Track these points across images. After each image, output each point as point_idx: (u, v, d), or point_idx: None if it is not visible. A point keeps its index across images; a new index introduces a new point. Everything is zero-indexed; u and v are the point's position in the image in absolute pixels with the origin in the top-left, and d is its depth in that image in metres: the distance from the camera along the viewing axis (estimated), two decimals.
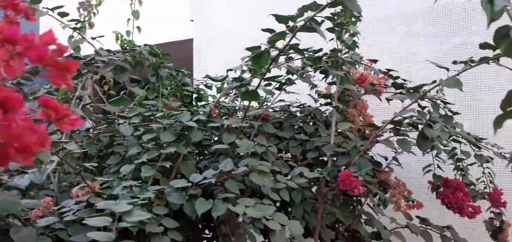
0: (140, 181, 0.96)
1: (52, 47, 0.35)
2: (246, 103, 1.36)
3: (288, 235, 0.96)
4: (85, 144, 1.02)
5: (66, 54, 0.38)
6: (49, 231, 0.87)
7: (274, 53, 0.97)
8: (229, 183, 0.95)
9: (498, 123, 0.41)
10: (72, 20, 1.25)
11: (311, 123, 1.37)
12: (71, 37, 1.41)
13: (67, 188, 1.03)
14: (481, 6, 0.43)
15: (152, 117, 1.05)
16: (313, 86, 1.49)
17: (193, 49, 2.42)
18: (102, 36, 1.25)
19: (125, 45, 1.49)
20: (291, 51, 1.04)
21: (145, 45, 1.36)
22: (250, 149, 1.03)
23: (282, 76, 1.06)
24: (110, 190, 0.97)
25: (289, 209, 1.24)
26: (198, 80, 1.62)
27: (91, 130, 1.11)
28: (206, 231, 1.38)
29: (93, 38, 1.27)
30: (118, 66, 1.22)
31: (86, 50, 1.39)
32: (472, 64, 0.96)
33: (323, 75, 1.37)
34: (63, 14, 1.20)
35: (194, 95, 1.52)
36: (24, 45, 0.32)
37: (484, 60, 0.92)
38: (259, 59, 0.88)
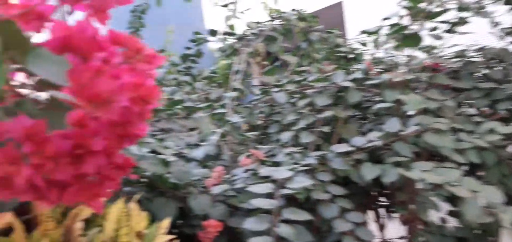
0: (301, 148, 0.93)
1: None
2: (406, 56, 1.19)
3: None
4: (246, 115, 1.05)
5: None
6: (222, 198, 0.93)
7: None
8: (398, 144, 0.84)
9: None
10: None
11: (498, 68, 1.11)
12: (228, 18, 1.47)
13: (238, 159, 1.08)
14: None
15: (303, 82, 1.01)
16: (495, 23, 1.21)
17: (344, 12, 2.29)
18: (249, 9, 1.26)
19: (273, 14, 1.49)
20: None
21: (293, 10, 1.32)
22: (419, 106, 0.89)
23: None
24: (274, 157, 0.98)
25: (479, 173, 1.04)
26: (352, 40, 1.50)
27: (252, 102, 1.14)
28: (381, 199, 1.28)
29: (241, 12, 1.30)
30: (268, 36, 1.22)
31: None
32: None
33: (509, 6, 1.09)
34: None
35: (350, 56, 1.42)
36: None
37: None
38: None
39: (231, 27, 1.36)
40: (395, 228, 1.24)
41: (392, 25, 0.95)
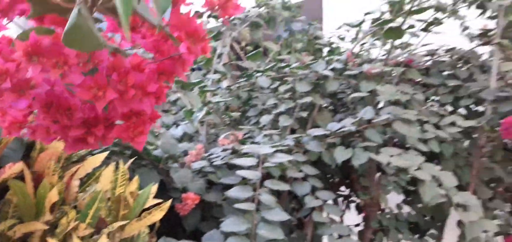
0: (279, 130, 0.98)
1: None
2: (383, 51, 1.26)
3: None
4: (229, 97, 1.09)
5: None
6: (201, 174, 0.97)
7: None
8: (369, 131, 0.90)
9: None
10: None
11: (463, 69, 1.19)
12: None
13: (214, 139, 1.12)
14: None
15: (286, 69, 1.06)
16: (464, 28, 1.29)
17: (322, 5, 2.35)
18: None
19: (260, 1, 1.53)
20: None
21: None
22: (393, 97, 0.95)
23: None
24: (251, 139, 1.02)
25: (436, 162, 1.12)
26: (331, 33, 1.56)
27: (231, 87, 1.18)
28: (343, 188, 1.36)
29: None
30: (253, 22, 1.26)
31: None
32: None
33: (480, 10, 1.17)
34: None
35: (327, 49, 1.48)
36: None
37: None
38: None
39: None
40: (351, 218, 1.32)
41: (375, 19, 1.01)
